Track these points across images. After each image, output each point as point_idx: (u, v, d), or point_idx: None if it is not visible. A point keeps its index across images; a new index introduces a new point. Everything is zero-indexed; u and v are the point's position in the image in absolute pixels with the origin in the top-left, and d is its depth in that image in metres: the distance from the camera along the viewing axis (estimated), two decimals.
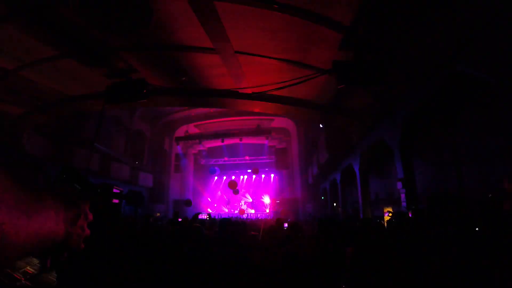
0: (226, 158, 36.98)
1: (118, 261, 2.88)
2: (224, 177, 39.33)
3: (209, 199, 38.00)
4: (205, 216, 14.05)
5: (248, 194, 37.59)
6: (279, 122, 30.82)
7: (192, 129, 32.05)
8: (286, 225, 6.85)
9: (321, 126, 19.68)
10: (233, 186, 28.76)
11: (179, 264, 3.25)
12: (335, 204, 23.94)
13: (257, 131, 30.09)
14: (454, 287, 2.77)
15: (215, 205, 38.14)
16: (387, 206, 16.80)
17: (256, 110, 15.07)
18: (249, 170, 37.81)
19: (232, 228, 5.53)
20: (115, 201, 2.99)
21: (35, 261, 3.10)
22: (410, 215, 8.71)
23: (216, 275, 3.16)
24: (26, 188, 0.65)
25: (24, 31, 8.33)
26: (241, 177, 39.02)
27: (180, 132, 32.01)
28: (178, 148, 32.69)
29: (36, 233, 0.64)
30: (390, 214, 14.81)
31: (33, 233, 0.63)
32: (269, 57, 9.77)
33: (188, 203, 30.67)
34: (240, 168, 38.01)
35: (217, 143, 33.63)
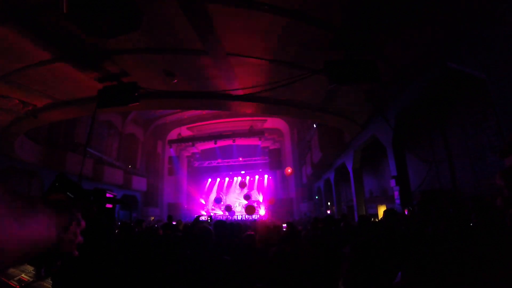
0: (219, 160, 36.91)
1: (114, 268, 2.86)
2: (218, 179, 39.27)
3: (203, 201, 37.89)
4: (206, 218, 14.02)
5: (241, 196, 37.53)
6: (272, 122, 30.87)
7: (184, 131, 31.98)
8: (285, 226, 6.82)
9: (314, 125, 19.72)
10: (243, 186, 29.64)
11: (178, 268, 3.24)
12: (329, 203, 24.03)
13: (250, 132, 30.10)
14: (449, 283, 2.78)
15: (212, 208, 38.04)
16: (382, 204, 16.91)
17: (249, 111, 15.07)
18: (243, 172, 37.85)
19: (227, 229, 5.54)
20: (109, 206, 2.97)
21: (30, 268, 3.07)
22: (406, 213, 8.75)
23: (213, 275, 3.15)
24: (18, 195, 0.64)
25: (14, 36, 8.25)
26: (235, 178, 38.99)
27: (173, 135, 31.94)
28: (171, 151, 32.57)
29: (27, 240, 0.63)
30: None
31: (24, 239, 0.62)
32: (261, 58, 9.76)
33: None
34: (234, 169, 37.99)
35: (210, 145, 33.60)
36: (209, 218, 13.28)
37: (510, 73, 5.44)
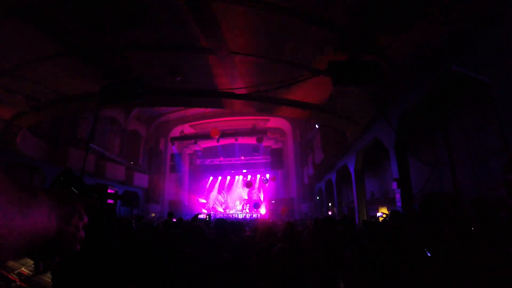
0: (221, 158, 36.94)
1: (114, 263, 2.87)
2: (220, 178, 39.28)
3: (202, 200, 37.89)
4: (205, 216, 14.06)
5: (244, 193, 37.55)
6: (275, 122, 30.86)
7: (187, 129, 32.02)
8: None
9: (316, 126, 19.70)
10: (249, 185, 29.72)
11: (177, 266, 3.24)
12: (330, 204, 23.99)
13: (253, 131, 30.09)
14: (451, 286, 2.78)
15: (212, 205, 38.08)
16: (383, 206, 16.88)
17: (252, 110, 15.07)
18: (244, 170, 37.85)
19: (228, 228, 5.53)
20: (110, 201, 2.97)
21: (30, 262, 3.08)
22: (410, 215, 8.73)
23: (213, 273, 3.15)
24: (20, 187, 0.64)
25: (19, 31, 8.28)
26: (237, 177, 39.01)
27: (176, 132, 31.97)
28: (174, 149, 32.61)
29: (28, 231, 0.63)
30: (384, 215, 14.89)
31: (26, 231, 0.62)
32: (265, 58, 9.77)
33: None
34: (236, 168, 37.98)
35: (212, 143, 33.61)
36: (207, 217, 13.29)
37: None
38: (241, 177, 38.87)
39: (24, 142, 15.70)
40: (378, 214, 16.50)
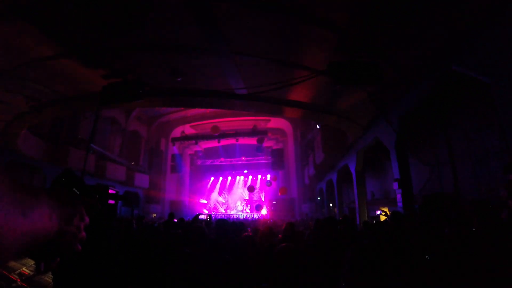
0: (222, 159, 36.92)
1: (114, 264, 2.87)
2: (221, 178, 39.27)
3: (203, 200, 37.86)
4: (205, 217, 14.06)
5: (245, 193, 37.53)
6: (276, 122, 30.84)
7: (188, 129, 32.00)
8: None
9: (317, 126, 19.69)
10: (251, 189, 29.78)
11: (177, 266, 3.24)
12: (331, 205, 23.95)
13: (254, 132, 30.06)
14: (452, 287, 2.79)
15: (213, 206, 38.06)
16: (384, 206, 16.87)
17: (252, 110, 15.06)
18: (245, 171, 37.85)
19: (229, 228, 5.53)
20: (111, 202, 2.98)
21: (31, 262, 3.09)
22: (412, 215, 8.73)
23: (212, 275, 3.15)
24: (21, 188, 0.64)
25: (20, 31, 8.28)
26: (238, 178, 39.02)
27: (177, 132, 31.96)
28: (174, 149, 32.59)
29: (29, 231, 0.63)
30: (384, 213, 14.89)
31: (27, 232, 0.62)
32: (266, 58, 9.76)
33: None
34: (237, 168, 37.96)
35: (213, 143, 33.59)
36: (208, 217, 13.29)
37: None
38: (242, 177, 38.88)
39: (24, 142, 15.72)
40: (378, 212, 16.53)
